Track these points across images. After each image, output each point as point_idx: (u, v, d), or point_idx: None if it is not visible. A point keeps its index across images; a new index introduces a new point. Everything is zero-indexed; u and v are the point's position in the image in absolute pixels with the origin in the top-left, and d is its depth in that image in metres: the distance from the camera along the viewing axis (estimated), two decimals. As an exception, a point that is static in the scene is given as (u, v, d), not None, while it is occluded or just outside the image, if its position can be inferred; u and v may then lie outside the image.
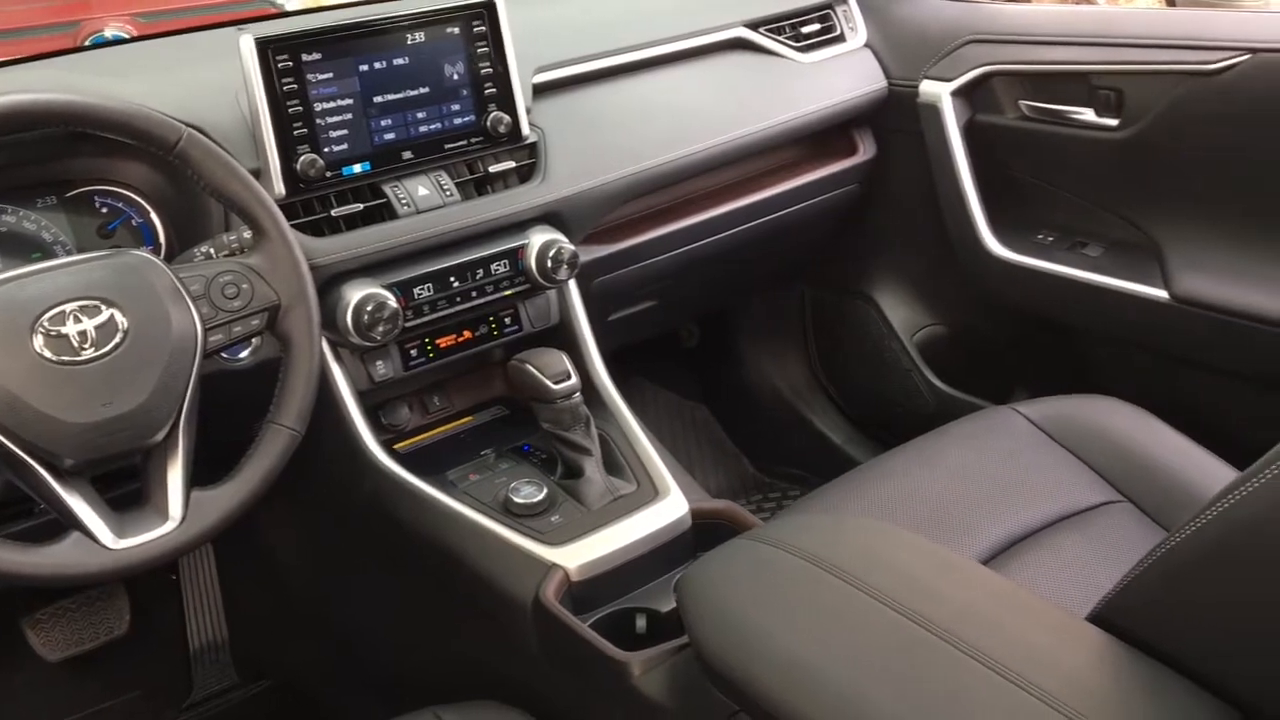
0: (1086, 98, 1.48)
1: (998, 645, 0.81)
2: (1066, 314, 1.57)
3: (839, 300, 1.93)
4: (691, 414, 2.12)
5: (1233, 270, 1.37)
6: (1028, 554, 1.17)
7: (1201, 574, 0.77)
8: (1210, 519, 0.76)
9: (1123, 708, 0.77)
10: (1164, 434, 1.29)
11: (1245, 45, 1.30)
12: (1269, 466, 0.72)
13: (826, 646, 0.84)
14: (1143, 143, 1.42)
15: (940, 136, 1.61)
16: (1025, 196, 1.60)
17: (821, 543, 0.93)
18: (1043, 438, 1.33)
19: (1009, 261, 1.58)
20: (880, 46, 1.68)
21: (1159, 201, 1.45)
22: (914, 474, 1.28)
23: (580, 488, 1.19)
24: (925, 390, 1.82)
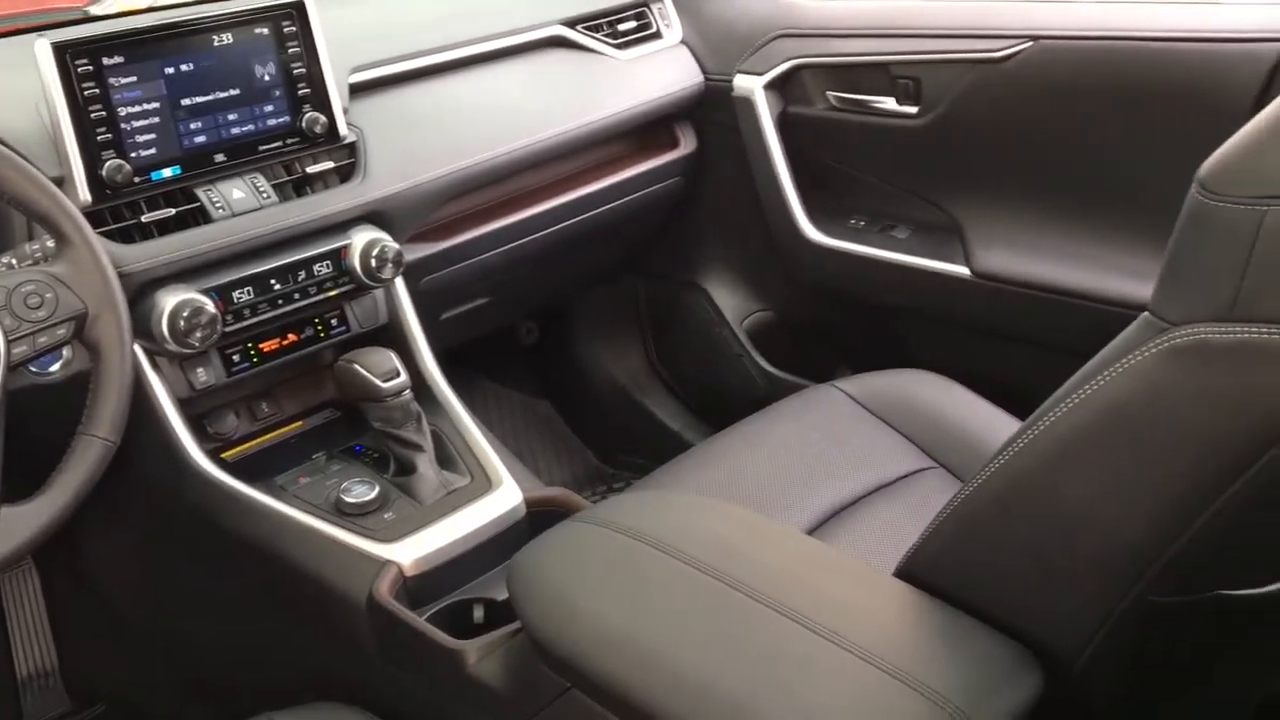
0: (888, 87, 1.55)
1: (811, 604, 0.86)
2: (880, 293, 1.64)
3: (671, 290, 1.97)
4: (534, 410, 2.14)
5: (1026, 246, 1.47)
6: (848, 522, 1.23)
7: (987, 524, 0.83)
8: (993, 472, 0.82)
9: (924, 654, 0.82)
10: (971, 401, 1.37)
11: (1028, 33, 1.39)
12: (1038, 421, 0.78)
13: (648, 617, 0.87)
14: (940, 129, 1.50)
15: (755, 129, 1.66)
16: (837, 183, 1.67)
17: (644, 519, 0.97)
18: (861, 412, 1.40)
19: (825, 246, 1.65)
20: (695, 43, 1.73)
21: (958, 184, 1.54)
22: (741, 453, 1.33)
23: (413, 484, 1.19)
24: (756, 374, 1.88)
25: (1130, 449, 0.73)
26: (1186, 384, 0.69)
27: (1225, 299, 0.66)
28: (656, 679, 0.82)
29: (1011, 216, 1.48)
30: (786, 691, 0.79)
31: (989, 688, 0.79)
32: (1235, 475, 0.69)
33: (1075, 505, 0.77)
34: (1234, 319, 0.66)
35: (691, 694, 0.80)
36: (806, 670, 0.80)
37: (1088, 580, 0.78)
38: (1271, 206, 0.63)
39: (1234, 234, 0.65)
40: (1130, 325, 0.74)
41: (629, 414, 2.04)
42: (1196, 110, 1.24)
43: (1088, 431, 0.75)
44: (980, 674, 0.80)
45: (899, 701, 0.77)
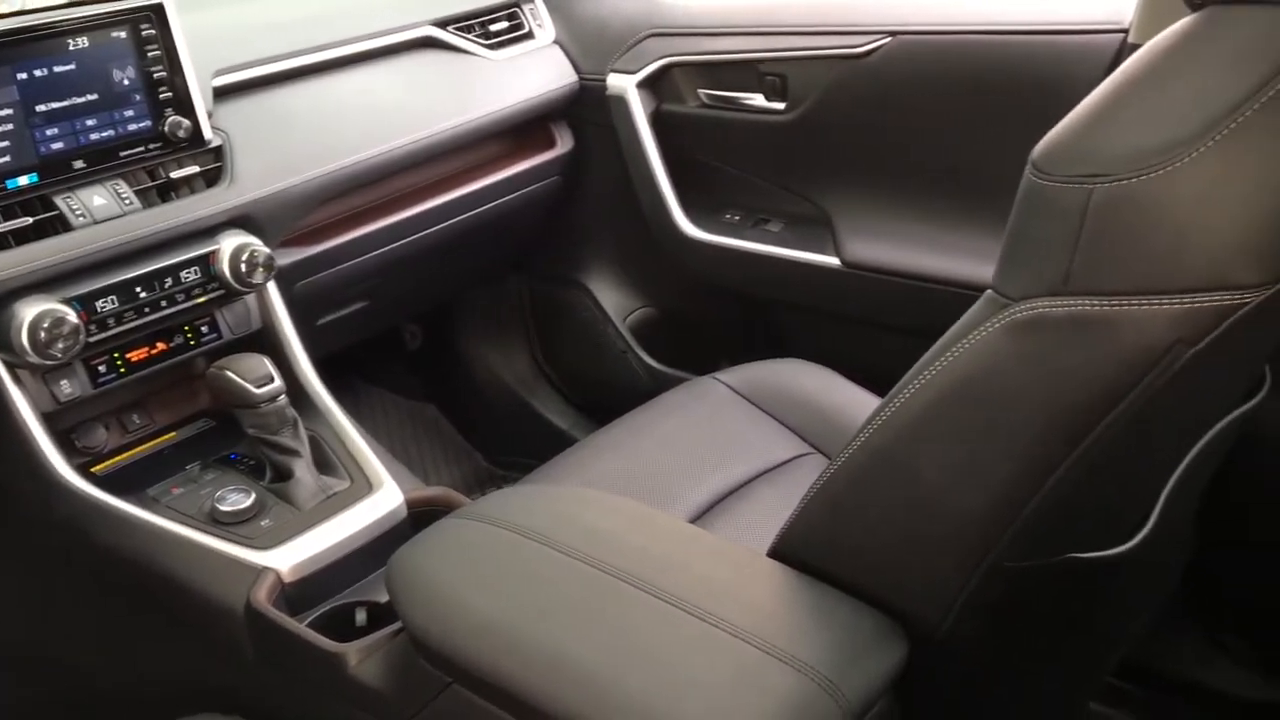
0: (756, 84, 1.59)
1: (686, 587, 0.88)
2: (756, 286, 1.68)
3: (555, 290, 1.98)
4: (420, 414, 2.13)
5: (891, 235, 1.51)
6: (730, 509, 1.25)
7: (850, 501, 0.86)
8: (853, 451, 0.85)
9: (793, 628, 0.85)
10: (845, 387, 1.41)
11: (887, 29, 1.44)
12: (894, 399, 0.81)
13: (526, 608, 0.88)
14: (808, 123, 1.54)
15: (630, 127, 1.68)
16: (712, 179, 1.70)
17: (523, 512, 0.98)
18: (741, 402, 1.42)
19: (701, 241, 1.68)
20: (568, 43, 1.75)
21: (826, 177, 1.58)
22: (624, 447, 1.35)
23: (291, 490, 1.18)
24: (640, 369, 1.90)
25: (978, 421, 0.77)
26: (1027, 357, 0.73)
27: (1059, 274, 0.70)
28: (533, 667, 0.83)
29: (877, 207, 1.53)
30: (659, 669, 0.81)
31: (856, 657, 0.82)
32: (1076, 442, 0.73)
33: (930, 478, 0.80)
34: (1068, 293, 0.70)
35: (567, 679, 0.81)
36: (680, 649, 0.82)
37: (944, 549, 0.81)
38: (1097, 184, 0.67)
39: (1064, 212, 0.69)
40: (975, 303, 0.77)
41: (516, 414, 2.04)
42: (1044, 99, 1.28)
43: (939, 406, 0.78)
44: (847, 645, 0.83)
45: (770, 674, 0.79)
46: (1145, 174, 0.65)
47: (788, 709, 0.78)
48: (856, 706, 0.80)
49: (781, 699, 0.78)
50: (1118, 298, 0.68)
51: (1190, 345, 0.68)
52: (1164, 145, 0.65)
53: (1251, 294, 0.66)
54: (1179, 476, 0.91)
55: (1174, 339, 0.68)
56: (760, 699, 0.78)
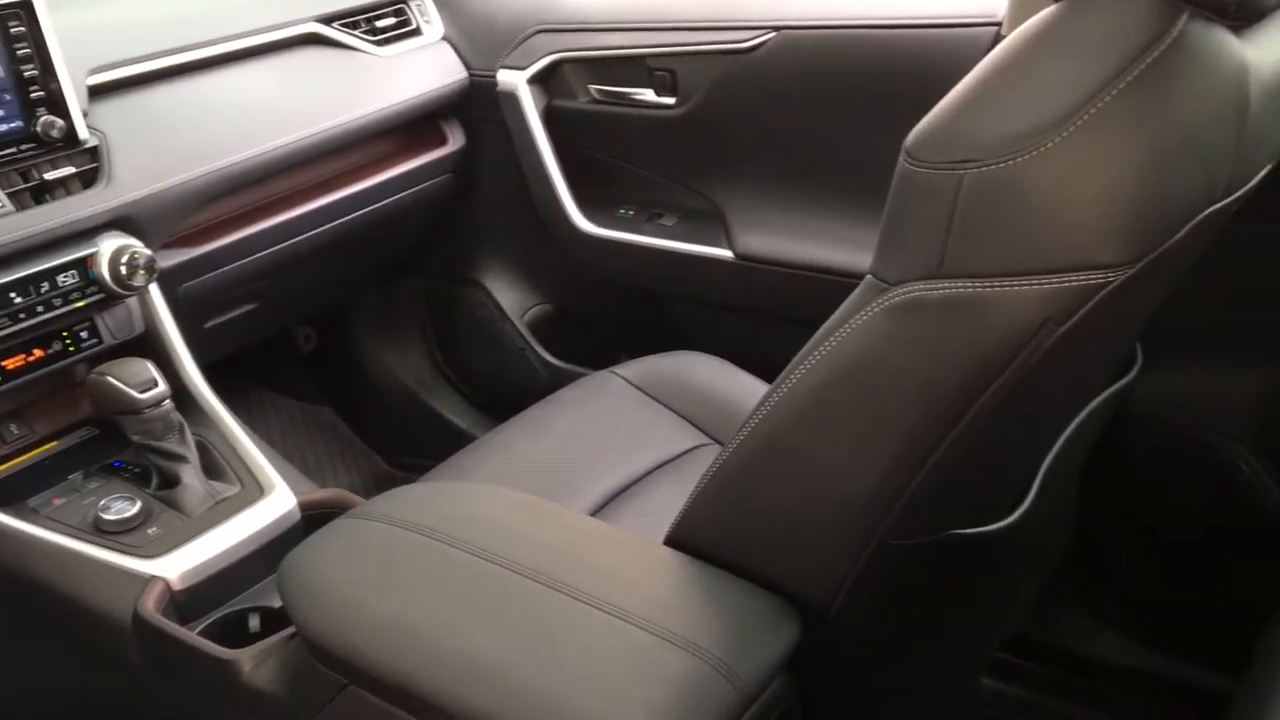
0: (646, 79, 1.60)
1: (582, 577, 0.88)
2: (652, 280, 1.69)
3: (452, 288, 1.97)
4: (316, 418, 2.09)
5: (780, 227, 1.53)
6: (630, 502, 1.26)
7: (741, 486, 0.87)
8: (744, 437, 0.86)
9: (688, 613, 0.86)
10: (741, 378, 1.43)
11: (771, 24, 1.46)
12: (782, 384, 0.83)
13: (419, 604, 0.87)
14: (697, 118, 1.56)
15: (521, 123, 1.68)
16: (605, 175, 1.70)
17: (417, 510, 0.97)
18: (639, 395, 1.43)
19: (597, 237, 1.68)
20: (457, 39, 1.73)
21: (717, 171, 1.59)
22: (522, 443, 1.35)
23: (179, 496, 1.15)
24: (539, 366, 1.89)
25: (862, 404, 0.78)
26: (906, 339, 0.75)
27: (934, 257, 0.72)
28: (430, 663, 0.83)
29: (767, 200, 1.55)
30: (555, 660, 0.81)
31: (749, 639, 0.83)
32: (955, 420, 0.75)
33: (817, 460, 0.81)
34: (943, 275, 0.72)
35: (464, 673, 0.81)
36: (576, 638, 0.83)
37: (833, 530, 0.83)
38: (968, 170, 0.69)
39: (937, 197, 0.71)
40: (856, 288, 0.79)
41: (415, 415, 2.02)
42: (924, 91, 1.31)
43: (824, 390, 0.80)
44: (741, 627, 0.84)
45: (665, 659, 0.80)
46: (1012, 159, 0.67)
47: (683, 692, 0.79)
48: (751, 687, 0.81)
49: (677, 683, 0.79)
50: (990, 279, 0.70)
51: (1059, 324, 0.70)
52: (1029, 131, 0.67)
53: (1115, 273, 0.69)
54: (1056, 453, 0.95)
55: (1044, 318, 0.70)
56: (657, 684, 0.79)
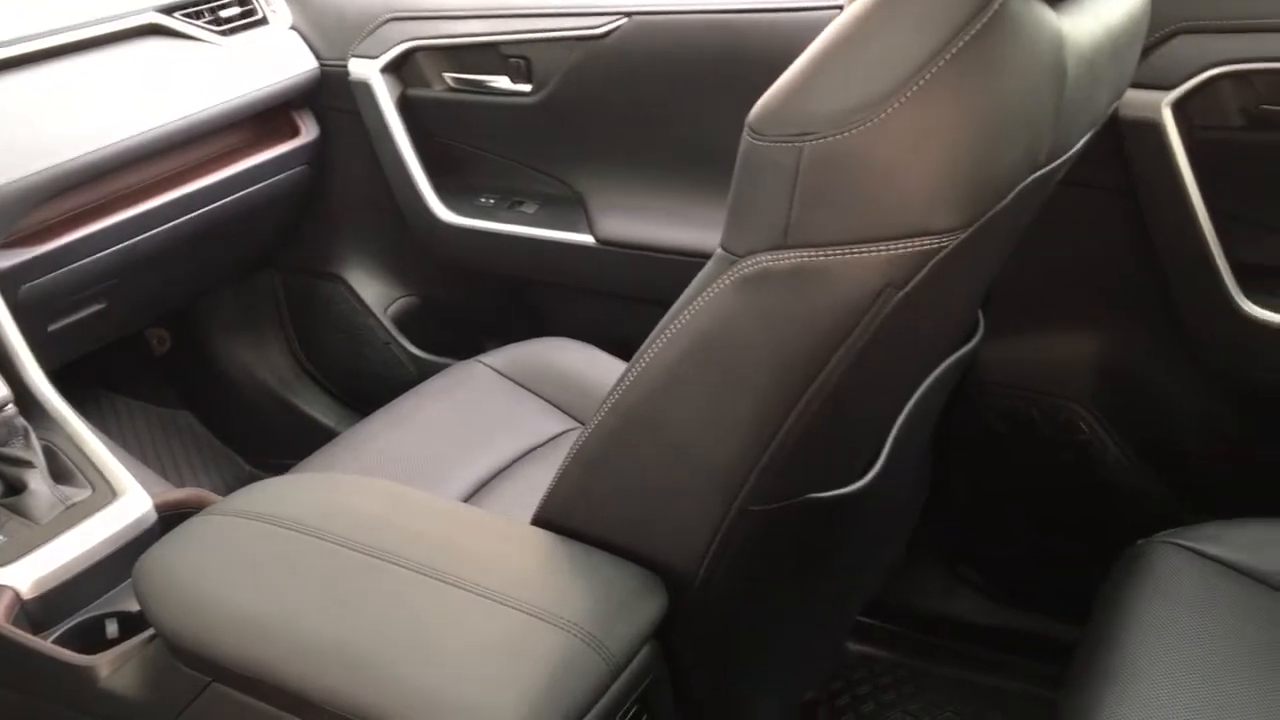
0: (501, 67, 1.59)
1: (447, 560, 0.88)
2: (515, 268, 1.69)
3: (311, 283, 1.93)
4: (174, 422, 2.03)
5: (640, 211, 1.55)
6: (499, 488, 1.26)
7: (604, 461, 0.88)
8: (606, 412, 0.87)
9: (556, 589, 0.86)
10: (606, 362, 1.44)
11: (622, 10, 1.47)
12: (640, 359, 0.84)
13: (282, 596, 0.86)
14: (554, 105, 1.56)
15: (376, 113, 1.66)
16: (464, 163, 1.70)
17: (275, 503, 0.95)
18: (505, 382, 1.43)
19: (458, 226, 1.67)
20: (306, 28, 1.70)
21: (576, 157, 1.60)
22: (388, 435, 1.34)
23: (25, 503, 1.11)
24: (405, 359, 1.87)
25: (717, 374, 0.80)
26: (755, 308, 0.77)
27: (779, 228, 0.74)
28: (292, 654, 0.82)
29: (626, 184, 1.56)
30: (422, 642, 0.81)
31: (617, 611, 0.84)
32: (806, 387, 0.78)
33: (676, 431, 0.83)
34: (788, 246, 0.74)
35: (328, 662, 0.80)
36: (444, 620, 0.83)
37: (694, 499, 0.84)
38: (806, 142, 0.71)
39: (779, 170, 0.73)
40: (708, 262, 0.81)
41: (277, 414, 1.98)
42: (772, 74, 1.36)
43: (680, 362, 0.81)
44: (608, 599, 0.85)
45: (534, 635, 0.81)
46: (848, 131, 0.70)
47: (554, 666, 0.79)
48: (620, 658, 0.82)
49: (547, 658, 0.80)
50: (832, 248, 0.73)
51: (898, 288, 0.73)
52: (863, 103, 0.69)
53: (948, 237, 0.72)
54: (905, 417, 0.98)
55: (884, 283, 0.73)
56: (527, 660, 0.80)
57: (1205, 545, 1.08)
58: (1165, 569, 1.05)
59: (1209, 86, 1.15)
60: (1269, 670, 0.94)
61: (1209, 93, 1.16)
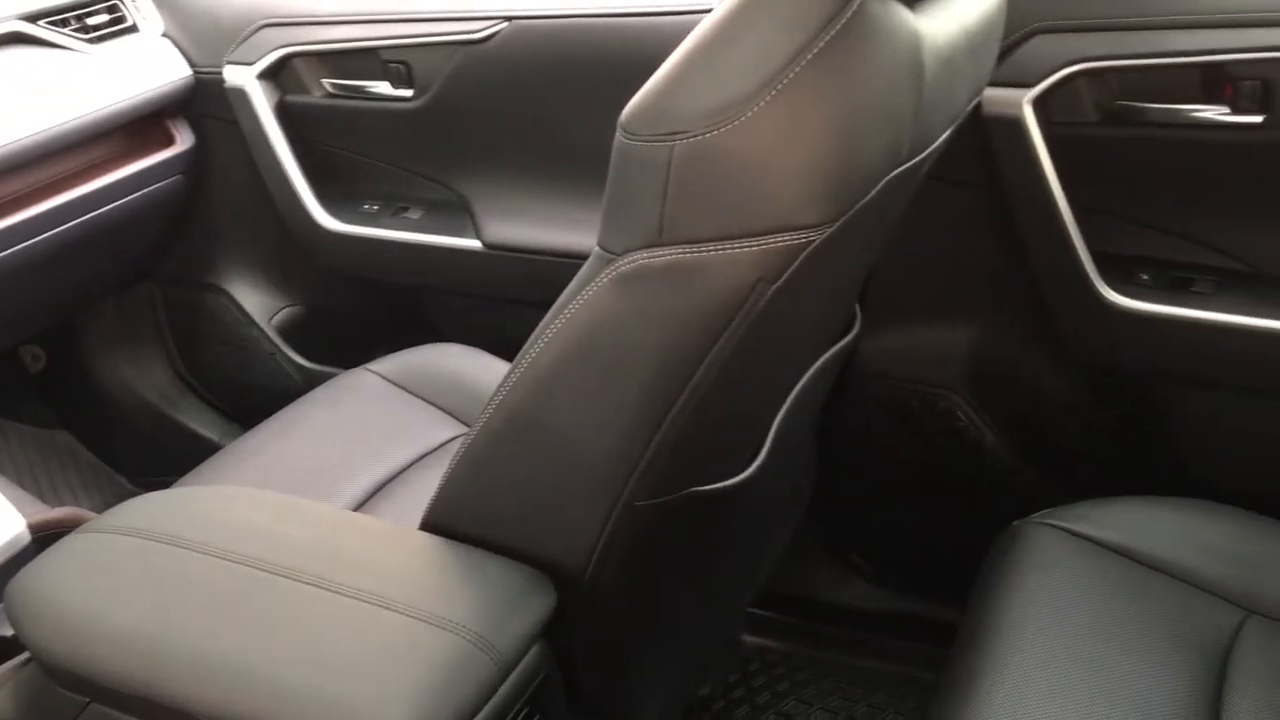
0: (381, 72, 1.58)
1: (331, 567, 0.87)
2: (402, 274, 1.68)
3: (192, 295, 1.89)
4: (51, 442, 1.97)
5: (525, 215, 1.56)
6: (390, 496, 1.25)
7: (490, 462, 0.89)
8: (490, 413, 0.87)
9: (443, 592, 0.86)
10: (496, 366, 1.44)
11: (503, 14, 1.47)
12: (523, 359, 0.85)
13: (160, 611, 0.84)
14: (436, 110, 1.55)
15: (253, 121, 1.63)
16: (347, 170, 1.68)
17: (152, 518, 0.93)
18: (395, 390, 1.42)
19: (342, 234, 1.66)
20: (178, 36, 1.67)
21: (461, 162, 1.60)
22: (273, 447, 1.31)
23: (-113, 528, 1.07)
24: (292, 370, 1.85)
25: (597, 372, 0.81)
26: (633, 306, 0.78)
27: (653, 226, 0.75)
28: (171, 669, 0.80)
29: (511, 188, 1.56)
30: (308, 651, 0.80)
31: (505, 611, 0.85)
32: (685, 381, 0.79)
33: (560, 430, 0.84)
34: (663, 243, 0.75)
35: (209, 675, 0.79)
36: (330, 629, 0.82)
37: (580, 496, 0.85)
38: (677, 141, 0.73)
39: (652, 168, 0.74)
40: (587, 261, 0.82)
41: (161, 431, 1.93)
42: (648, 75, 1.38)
43: (561, 362, 0.82)
44: (496, 600, 0.85)
45: (421, 638, 0.81)
46: (716, 129, 0.71)
47: (442, 669, 0.79)
48: (509, 658, 0.83)
49: (435, 660, 0.80)
50: (705, 244, 0.74)
51: (771, 282, 0.75)
52: (730, 101, 0.71)
53: (815, 232, 0.74)
54: (787, 410, 1.01)
55: (756, 278, 0.75)
56: (414, 664, 0.79)
57: (1076, 525, 1.12)
58: (1038, 549, 1.09)
59: (1067, 84, 1.20)
60: (1135, 641, 0.99)
61: (1067, 90, 1.21)
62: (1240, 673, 0.97)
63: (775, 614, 1.58)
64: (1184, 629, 1.01)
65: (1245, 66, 1.14)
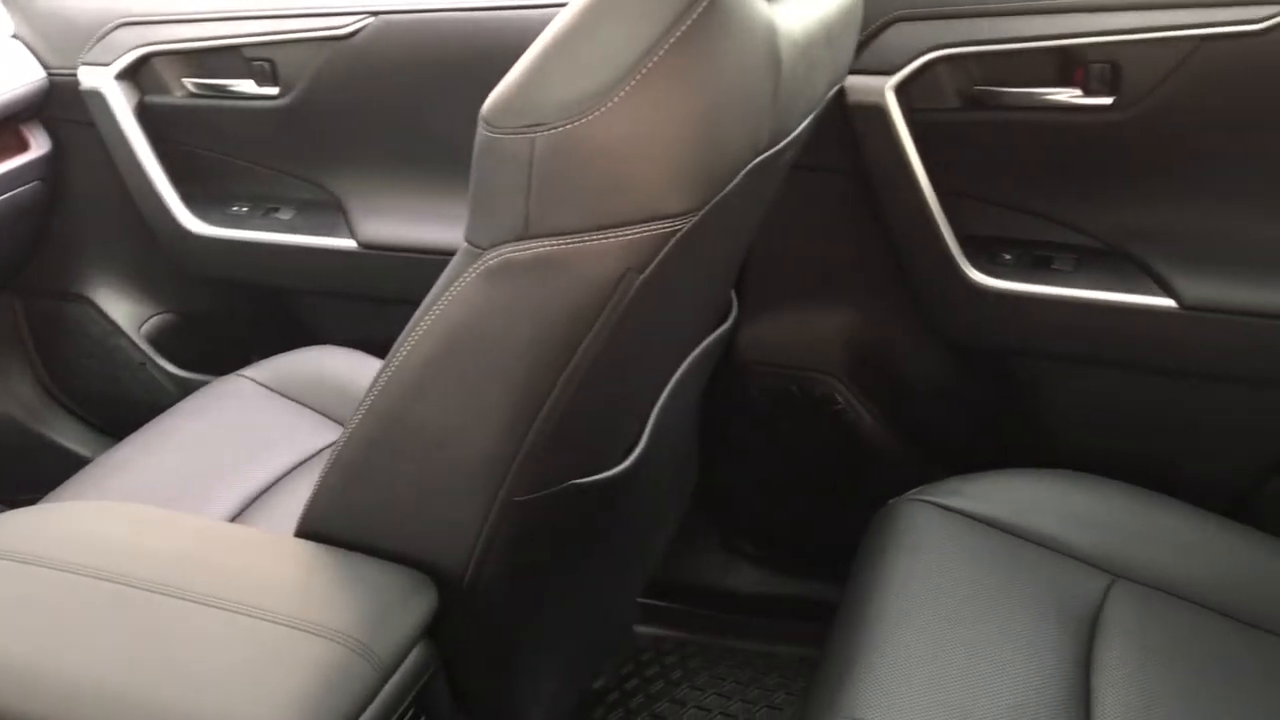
0: (244, 70, 1.54)
1: (201, 580, 0.85)
2: (274, 277, 1.64)
3: (54, 305, 1.82)
4: (-94, 466, 1.88)
5: (399, 212, 1.53)
6: (269, 504, 1.22)
7: (363, 464, 0.87)
8: (362, 415, 0.86)
9: (319, 600, 0.85)
10: (374, 367, 1.41)
11: (368, 10, 1.45)
12: (393, 359, 0.84)
13: (24, 635, 0.81)
14: (303, 108, 1.52)
15: (112, 123, 1.57)
16: (213, 172, 1.63)
17: (11, 537, 0.90)
18: (271, 395, 1.39)
19: (210, 237, 1.61)
20: (29, 36, 1.60)
21: (331, 160, 1.56)
22: (144, 459, 1.28)
23: None
24: (164, 380, 1.79)
25: (469, 367, 0.81)
26: (502, 300, 0.77)
27: (519, 219, 0.75)
28: (38, 695, 0.77)
29: (384, 186, 1.54)
30: (179, 668, 0.78)
31: (383, 615, 0.84)
32: (558, 374, 0.79)
33: (434, 428, 0.83)
34: (530, 236, 0.75)
35: (78, 698, 0.77)
36: (201, 643, 0.80)
37: (456, 495, 0.85)
38: (538, 133, 0.72)
39: (514, 161, 0.74)
40: (454, 256, 0.81)
41: (26, 447, 1.86)
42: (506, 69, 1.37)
43: (433, 358, 0.81)
44: (374, 604, 0.84)
45: (296, 647, 0.79)
46: (577, 120, 0.71)
47: (320, 677, 0.78)
48: (388, 661, 0.81)
49: (312, 669, 0.78)
50: (571, 236, 0.74)
51: (639, 272, 0.75)
52: (590, 93, 0.71)
53: (681, 220, 0.74)
54: (665, 399, 1.01)
55: (624, 268, 0.75)
56: (290, 674, 0.78)
57: (949, 500, 1.15)
58: (913, 524, 1.11)
59: (927, 70, 1.23)
60: (1008, 609, 1.02)
61: (928, 76, 1.24)
62: (1107, 634, 1.01)
63: (666, 603, 1.60)
64: (1054, 596, 1.05)
65: (1096, 50, 1.18)
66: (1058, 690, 0.95)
